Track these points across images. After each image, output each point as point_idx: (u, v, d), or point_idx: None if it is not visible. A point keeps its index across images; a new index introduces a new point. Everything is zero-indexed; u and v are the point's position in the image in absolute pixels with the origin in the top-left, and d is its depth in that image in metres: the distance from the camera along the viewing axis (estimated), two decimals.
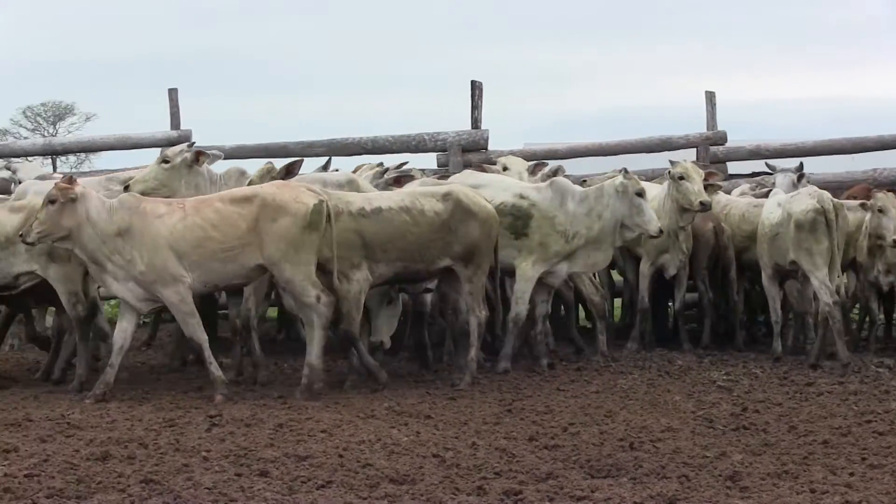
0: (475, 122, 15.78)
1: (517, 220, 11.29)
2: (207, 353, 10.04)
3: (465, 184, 11.45)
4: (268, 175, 10.92)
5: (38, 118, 79.80)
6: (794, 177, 13.11)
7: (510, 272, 11.58)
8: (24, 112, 79.35)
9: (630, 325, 13.18)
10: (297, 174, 11.11)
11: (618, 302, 14.62)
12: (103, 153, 17.68)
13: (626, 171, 11.36)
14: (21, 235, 9.96)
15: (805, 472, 7.35)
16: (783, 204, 11.84)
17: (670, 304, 13.75)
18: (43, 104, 79.98)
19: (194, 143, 11.97)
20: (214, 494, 6.79)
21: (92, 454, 7.63)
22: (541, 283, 11.48)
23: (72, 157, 50.17)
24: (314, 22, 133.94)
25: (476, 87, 15.76)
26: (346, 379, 10.48)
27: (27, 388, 10.48)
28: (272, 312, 14.55)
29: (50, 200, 9.90)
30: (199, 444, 7.96)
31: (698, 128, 15.92)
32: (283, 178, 10.81)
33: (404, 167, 13.62)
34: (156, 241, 9.94)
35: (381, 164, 13.60)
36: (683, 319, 13.01)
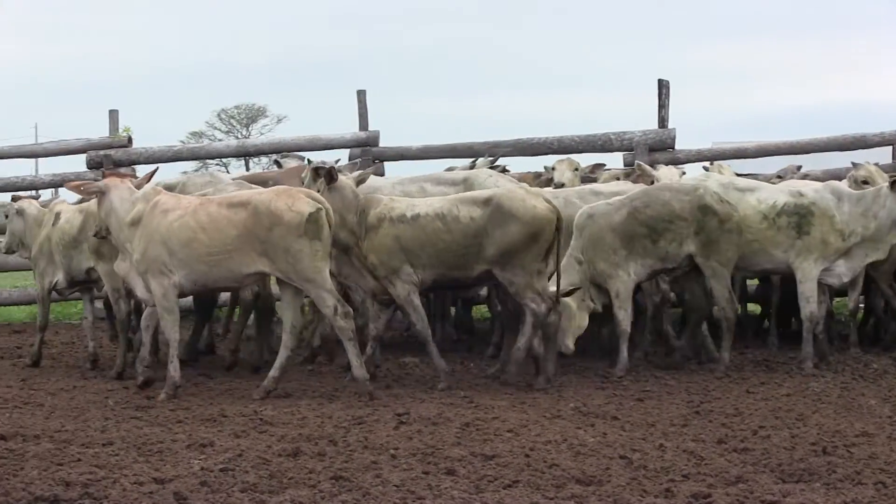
0: (662, 122, 15.60)
1: (801, 220, 11.42)
2: (174, 352, 10.17)
3: (726, 185, 11.57)
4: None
5: (232, 120, 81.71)
6: None
7: (784, 273, 11.84)
8: (218, 115, 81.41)
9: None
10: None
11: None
12: (294, 154, 17.89)
13: None
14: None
15: None
16: None
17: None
18: (237, 107, 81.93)
19: (310, 160, 12.00)
20: (402, 492, 6.85)
21: (284, 450, 7.77)
22: (819, 282, 11.55)
23: (264, 159, 51.16)
24: (500, 22, 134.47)
25: (663, 86, 15.58)
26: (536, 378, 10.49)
27: (221, 384, 10.73)
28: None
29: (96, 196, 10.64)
30: (387, 441, 8.04)
31: (895, 125, 15.52)
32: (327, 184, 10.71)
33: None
34: (153, 234, 10.16)
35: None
36: (856, 322, 12.75)
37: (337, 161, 13.22)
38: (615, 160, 15.78)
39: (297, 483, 7.03)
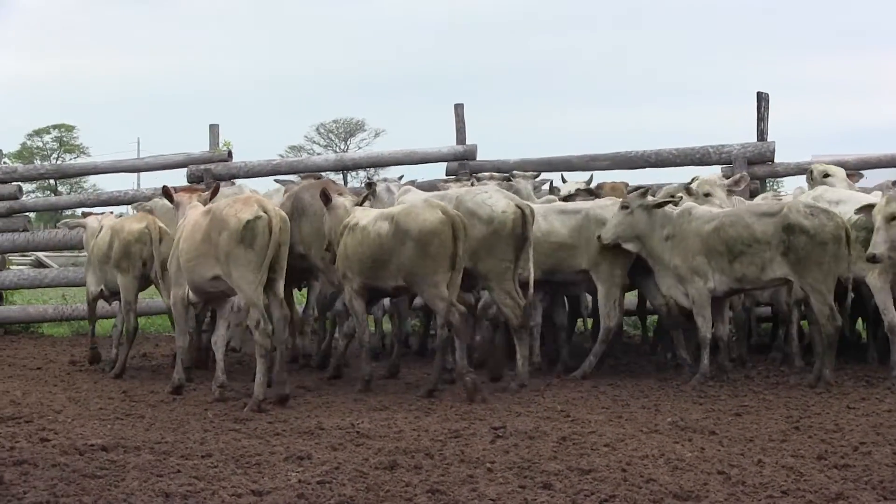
0: (761, 134, 15.44)
1: (868, 234, 11.21)
2: (180, 357, 11.17)
3: (822, 198, 11.58)
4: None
5: (331, 134, 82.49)
6: None
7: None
8: (317, 129, 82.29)
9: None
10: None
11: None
12: (392, 168, 18.04)
13: None
14: None
15: None
16: None
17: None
18: (335, 121, 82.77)
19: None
20: None
21: (380, 463, 7.80)
22: None
23: (361, 173, 51.48)
24: (598, 35, 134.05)
25: (762, 99, 15.42)
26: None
27: (319, 396, 10.80)
28: None
29: None
30: (483, 455, 8.04)
31: None
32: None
33: (403, 180, 13.77)
34: (175, 248, 10.94)
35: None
36: None
37: (399, 177, 13.75)
38: (714, 173, 15.62)
39: (393, 496, 7.05)
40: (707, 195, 12.68)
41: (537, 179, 13.97)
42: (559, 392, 10.88)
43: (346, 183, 39.47)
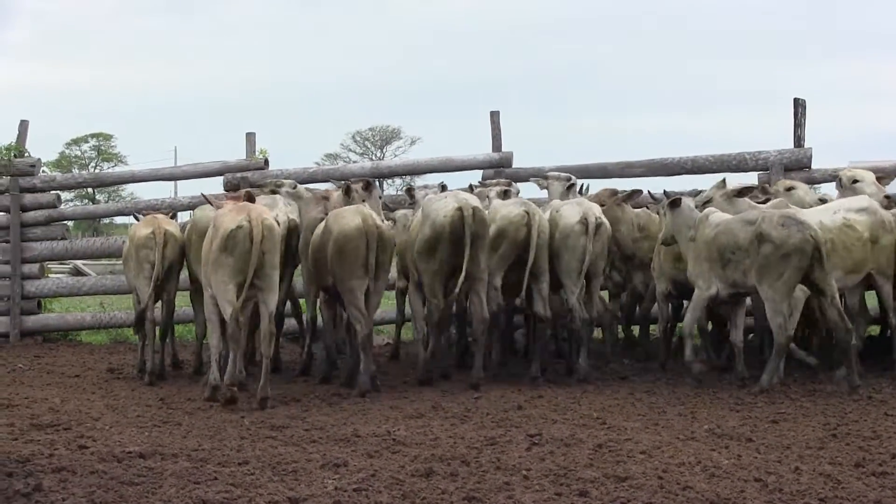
0: (798, 141, 15.34)
1: None
2: (214, 357, 11.20)
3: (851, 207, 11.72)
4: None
5: (367, 142, 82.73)
6: None
7: None
8: (353, 137, 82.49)
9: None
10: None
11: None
12: (427, 175, 18.04)
13: None
14: None
15: None
16: None
17: None
18: (371, 129, 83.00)
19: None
20: None
21: (416, 470, 7.81)
22: None
23: (397, 180, 51.56)
24: (633, 41, 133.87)
25: (799, 105, 15.33)
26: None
27: (355, 404, 10.81)
28: None
29: None
30: (519, 462, 8.04)
31: None
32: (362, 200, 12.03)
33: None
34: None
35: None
36: None
37: (439, 183, 13.93)
38: (750, 180, 15.57)
39: (429, 503, 7.06)
40: (789, 189, 12.73)
41: (570, 182, 13.95)
42: (595, 399, 10.87)
43: (382, 190, 39.58)
